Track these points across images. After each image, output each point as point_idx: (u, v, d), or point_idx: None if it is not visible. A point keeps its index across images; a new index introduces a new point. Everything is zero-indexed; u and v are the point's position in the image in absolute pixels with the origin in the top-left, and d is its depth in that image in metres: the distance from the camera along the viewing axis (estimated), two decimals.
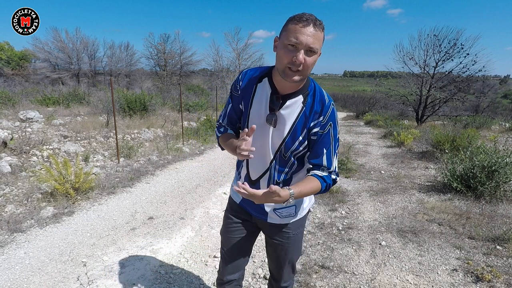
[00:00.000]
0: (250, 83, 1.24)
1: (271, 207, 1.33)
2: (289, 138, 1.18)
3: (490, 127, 11.99)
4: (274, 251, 1.44)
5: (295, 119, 1.16)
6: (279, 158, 1.23)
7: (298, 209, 1.36)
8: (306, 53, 1.02)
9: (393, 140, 8.48)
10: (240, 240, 1.44)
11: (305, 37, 0.99)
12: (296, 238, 1.42)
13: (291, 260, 1.45)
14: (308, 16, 1.02)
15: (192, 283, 2.30)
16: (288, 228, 1.37)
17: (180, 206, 3.78)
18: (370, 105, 23.95)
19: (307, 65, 1.04)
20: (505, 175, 3.81)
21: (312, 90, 1.19)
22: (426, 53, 13.93)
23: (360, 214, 3.60)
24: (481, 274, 2.30)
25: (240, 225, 1.43)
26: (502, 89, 41.25)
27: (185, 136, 8.06)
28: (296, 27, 1.01)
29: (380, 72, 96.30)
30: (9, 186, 3.96)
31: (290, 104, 1.16)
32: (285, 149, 1.21)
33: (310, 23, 1.00)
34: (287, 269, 1.47)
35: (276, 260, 1.46)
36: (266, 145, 1.22)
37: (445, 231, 3.10)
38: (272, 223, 1.36)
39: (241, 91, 1.26)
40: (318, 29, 1.02)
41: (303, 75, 1.06)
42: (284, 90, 1.16)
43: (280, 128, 1.18)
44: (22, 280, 2.23)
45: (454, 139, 6.36)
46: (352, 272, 2.43)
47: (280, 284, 1.51)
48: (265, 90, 1.20)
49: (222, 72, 26.12)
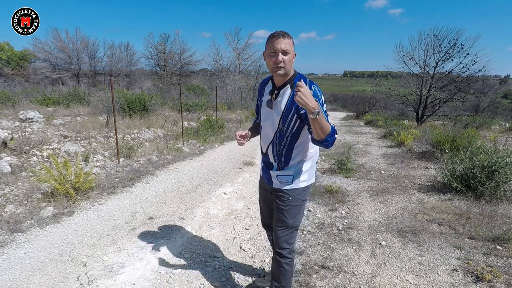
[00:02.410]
0: (262, 86, 1.84)
1: (276, 173, 1.76)
2: (284, 116, 1.64)
3: (490, 127, 11.98)
4: (275, 213, 1.81)
5: (286, 101, 1.62)
6: (278, 132, 1.70)
7: (295, 179, 1.74)
8: (283, 53, 1.53)
9: (393, 140, 8.48)
10: (267, 204, 2.01)
11: (279, 45, 1.51)
12: (293, 204, 1.76)
13: (285, 224, 1.77)
14: (278, 32, 1.54)
15: (192, 283, 2.30)
16: (286, 193, 1.75)
17: (180, 206, 3.78)
18: (370, 105, 23.95)
19: (286, 61, 1.55)
20: (505, 175, 3.81)
21: (297, 80, 1.59)
22: (426, 53, 13.92)
23: (360, 214, 3.60)
24: (481, 274, 2.30)
25: (264, 191, 1.99)
26: (502, 89, 41.24)
27: (185, 136, 8.06)
28: (272, 41, 1.53)
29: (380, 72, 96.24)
30: (9, 186, 3.96)
31: (282, 92, 1.65)
32: (282, 124, 1.66)
33: (280, 36, 1.52)
34: (281, 233, 1.78)
35: (274, 222, 1.82)
36: (270, 124, 1.73)
37: (445, 231, 3.10)
38: (275, 188, 1.79)
39: (258, 93, 1.87)
40: (286, 37, 1.53)
41: (285, 69, 1.57)
42: (278, 84, 1.67)
43: (276, 109, 1.67)
44: (22, 280, 2.23)
45: (454, 139, 6.36)
46: (352, 272, 2.43)
47: (275, 248, 1.83)
48: (269, 87, 1.75)
49: (222, 72, 26.11)
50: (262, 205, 2.08)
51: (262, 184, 2.00)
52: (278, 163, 1.75)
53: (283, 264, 1.81)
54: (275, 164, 1.77)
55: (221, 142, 8.33)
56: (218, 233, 3.14)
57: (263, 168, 1.89)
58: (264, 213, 2.09)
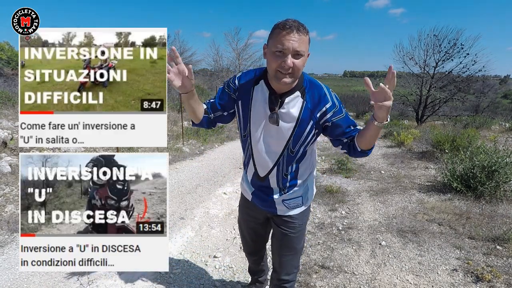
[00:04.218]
0: (247, 86, 1.31)
1: (281, 198, 1.41)
2: (296, 132, 1.25)
3: (490, 127, 11.97)
4: (280, 240, 1.50)
5: (299, 113, 1.22)
6: (287, 153, 1.30)
7: (304, 199, 1.44)
8: (294, 56, 1.08)
9: (393, 140, 8.47)
10: (255, 231, 1.67)
11: (291, 43, 1.06)
12: (301, 228, 1.49)
13: (294, 250, 1.51)
14: (291, 23, 1.07)
15: (192, 283, 2.30)
16: (295, 219, 1.45)
17: (180, 206, 3.78)
18: (370, 105, 23.89)
19: (297, 68, 1.11)
20: (505, 175, 3.81)
21: (307, 85, 1.25)
22: (426, 53, 13.97)
23: (360, 214, 3.60)
24: (481, 274, 2.30)
25: (253, 219, 1.61)
26: (502, 89, 41.21)
27: (185, 136, 8.06)
28: (281, 34, 1.07)
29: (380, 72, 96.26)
30: (9, 186, 3.96)
31: (289, 101, 1.22)
32: (293, 144, 1.27)
33: (293, 29, 1.06)
34: (290, 260, 1.52)
35: (280, 249, 1.52)
36: (272, 143, 1.30)
37: (445, 231, 3.10)
38: (281, 215, 1.45)
39: (239, 94, 1.33)
40: (302, 33, 1.08)
41: (294, 77, 1.14)
42: (280, 90, 1.22)
43: (284, 125, 1.24)
44: (22, 280, 2.23)
45: (454, 139, 6.35)
46: (352, 272, 2.43)
47: (281, 276, 1.55)
48: (263, 91, 1.26)
49: (222, 72, 26.08)
50: (247, 232, 1.71)
51: (251, 211, 1.58)
52: (282, 187, 1.39)
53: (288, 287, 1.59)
54: (277, 189, 1.40)
55: (221, 142, 8.34)
56: (218, 233, 3.14)
57: (255, 194, 1.47)
58: (249, 241, 1.75)
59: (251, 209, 1.57)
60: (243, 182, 1.57)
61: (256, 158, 1.36)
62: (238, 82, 1.33)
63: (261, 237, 1.70)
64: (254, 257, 1.87)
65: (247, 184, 1.51)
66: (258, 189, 1.45)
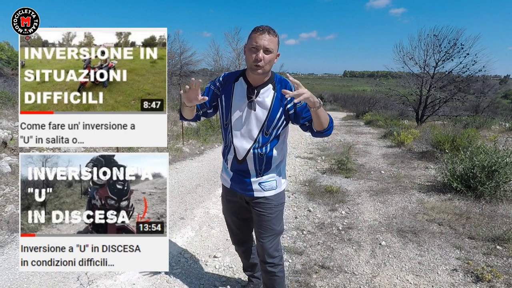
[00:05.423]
0: (229, 82, 1.59)
1: (257, 181, 1.61)
2: (270, 117, 1.52)
3: (490, 127, 11.97)
4: (259, 222, 1.67)
5: (271, 101, 1.52)
6: (262, 135, 1.55)
7: (278, 182, 1.66)
8: (265, 52, 1.39)
9: (393, 140, 8.47)
10: (237, 216, 1.80)
11: (262, 41, 1.37)
12: (278, 210, 1.67)
13: (272, 231, 1.66)
14: (264, 27, 1.40)
15: (192, 283, 2.30)
16: (271, 200, 1.64)
17: (180, 206, 3.78)
18: (370, 105, 23.92)
19: (266, 61, 1.40)
20: (505, 175, 3.81)
21: (277, 80, 1.55)
22: (426, 53, 13.92)
23: (360, 214, 3.60)
24: (481, 274, 2.30)
25: (233, 204, 1.77)
26: (502, 89, 41.16)
27: (185, 136, 8.06)
28: (255, 35, 1.39)
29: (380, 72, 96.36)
30: (9, 186, 3.96)
31: (263, 92, 1.52)
32: (267, 127, 1.53)
33: (265, 31, 1.38)
34: (269, 242, 1.67)
35: (259, 232, 1.68)
36: (250, 127, 1.54)
37: (445, 231, 3.10)
38: (257, 197, 1.63)
39: (222, 89, 1.61)
40: (271, 35, 1.40)
41: (264, 68, 1.43)
42: (256, 83, 1.52)
43: (260, 110, 1.52)
44: (22, 280, 2.23)
45: (454, 139, 6.35)
46: (352, 272, 2.43)
47: (265, 259, 1.68)
48: (242, 86, 1.56)
49: (222, 72, 26.14)
50: (231, 220, 1.85)
51: (231, 197, 1.75)
52: (259, 169, 1.59)
53: (277, 273, 1.70)
54: (254, 172, 1.59)
55: (221, 142, 8.34)
56: (218, 233, 3.14)
57: (234, 179, 1.65)
58: (234, 229, 1.88)
59: (231, 196, 1.74)
60: (223, 172, 1.75)
61: (236, 142, 1.57)
62: (222, 79, 1.62)
63: (244, 221, 1.82)
64: (242, 247, 1.97)
65: (226, 172, 1.70)
66: (237, 173, 1.64)
